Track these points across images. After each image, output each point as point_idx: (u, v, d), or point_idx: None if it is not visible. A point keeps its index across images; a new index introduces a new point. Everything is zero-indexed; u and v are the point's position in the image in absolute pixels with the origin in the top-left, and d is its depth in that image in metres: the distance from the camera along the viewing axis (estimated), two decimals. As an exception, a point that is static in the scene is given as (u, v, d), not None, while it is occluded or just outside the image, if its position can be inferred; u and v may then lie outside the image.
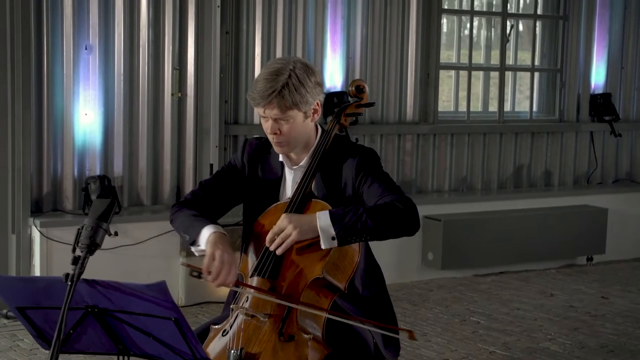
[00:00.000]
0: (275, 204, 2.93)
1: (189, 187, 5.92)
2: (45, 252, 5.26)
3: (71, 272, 2.17)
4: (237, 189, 3.01)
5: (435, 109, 6.80)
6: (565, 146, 7.45)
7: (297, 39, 6.21)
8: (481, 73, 7.31)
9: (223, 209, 3.01)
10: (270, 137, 2.88)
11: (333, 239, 2.68)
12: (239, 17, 6.01)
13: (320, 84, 2.90)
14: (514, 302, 5.92)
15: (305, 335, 2.66)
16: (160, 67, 5.77)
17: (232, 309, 2.77)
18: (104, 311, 2.27)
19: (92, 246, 2.22)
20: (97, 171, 5.61)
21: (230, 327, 2.74)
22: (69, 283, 2.16)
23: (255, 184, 2.99)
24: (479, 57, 7.30)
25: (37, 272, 5.28)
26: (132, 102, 5.70)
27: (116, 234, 5.36)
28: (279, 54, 6.14)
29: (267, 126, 2.87)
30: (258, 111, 2.88)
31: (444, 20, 7.12)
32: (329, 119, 3.12)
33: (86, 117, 5.56)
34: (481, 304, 5.85)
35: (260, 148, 3.02)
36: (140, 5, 5.65)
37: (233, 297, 2.97)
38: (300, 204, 2.84)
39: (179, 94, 5.83)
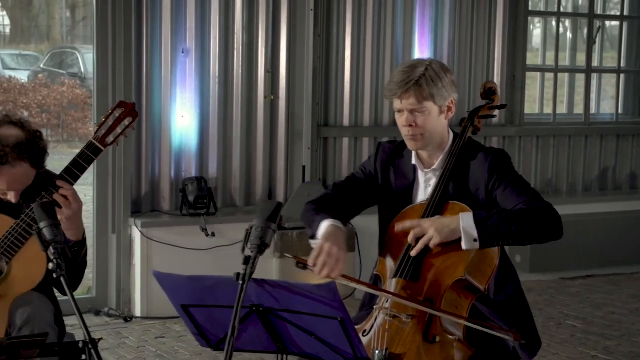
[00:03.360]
0: (411, 206, 2.95)
1: (280, 188, 5.98)
2: (145, 251, 5.36)
3: (242, 271, 2.21)
4: (367, 193, 3.04)
5: (521, 111, 6.78)
6: (651, 148, 7.37)
7: (386, 41, 6.24)
8: (566, 75, 7.26)
9: (352, 211, 3.04)
10: (405, 130, 2.89)
11: (475, 240, 2.70)
12: (330, 20, 6.06)
13: (455, 83, 2.93)
14: (608, 306, 5.87)
15: (450, 337, 2.69)
16: (254, 69, 5.84)
17: (374, 309, 2.80)
18: (269, 310, 2.31)
19: (262, 246, 2.26)
20: (193, 172, 5.69)
21: (371, 327, 2.77)
22: (240, 282, 2.20)
23: (388, 188, 3.01)
24: (564, 59, 7.26)
25: (137, 271, 5.38)
26: (226, 104, 5.77)
27: (213, 234, 5.47)
28: (368, 56, 6.17)
29: (402, 120, 2.88)
30: (394, 104, 2.89)
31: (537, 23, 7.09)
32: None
33: (183, 120, 5.64)
34: (574, 308, 5.81)
35: (394, 152, 3.04)
36: (235, 9, 5.73)
37: (370, 298, 3.01)
38: (438, 206, 2.86)
39: (272, 97, 5.89)
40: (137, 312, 5.37)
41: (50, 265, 2.42)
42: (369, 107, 6.21)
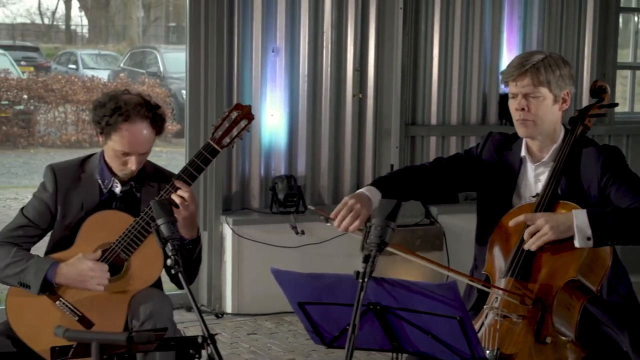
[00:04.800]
0: (519, 205, 2.93)
1: (368, 187, 5.98)
2: (236, 248, 5.42)
3: (361, 270, 2.22)
4: (465, 177, 3.04)
5: (611, 110, 6.65)
6: None
7: (474, 40, 6.18)
8: (657, 72, 7.12)
9: (443, 188, 3.05)
10: (517, 115, 2.87)
11: (589, 239, 2.67)
12: (418, 19, 6.03)
13: (572, 77, 2.92)
14: (703, 309, 5.72)
15: (563, 338, 2.66)
16: (342, 68, 5.85)
17: (484, 308, 2.79)
18: (386, 308, 2.32)
19: (382, 244, 2.27)
20: (282, 171, 5.74)
21: (481, 327, 2.76)
22: (360, 281, 2.21)
23: (489, 179, 3.00)
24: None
25: (228, 268, 5.44)
26: (315, 103, 5.80)
27: (302, 232, 5.50)
28: (456, 54, 6.13)
29: (514, 104, 2.88)
30: (509, 89, 2.88)
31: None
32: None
33: (272, 118, 5.69)
34: (668, 310, 5.68)
35: (503, 143, 3.03)
36: (325, 8, 5.75)
37: (469, 295, 2.99)
38: (549, 205, 2.83)
39: (360, 95, 5.90)
40: (228, 308, 5.44)
41: (169, 262, 2.46)
42: (457, 106, 6.17)
